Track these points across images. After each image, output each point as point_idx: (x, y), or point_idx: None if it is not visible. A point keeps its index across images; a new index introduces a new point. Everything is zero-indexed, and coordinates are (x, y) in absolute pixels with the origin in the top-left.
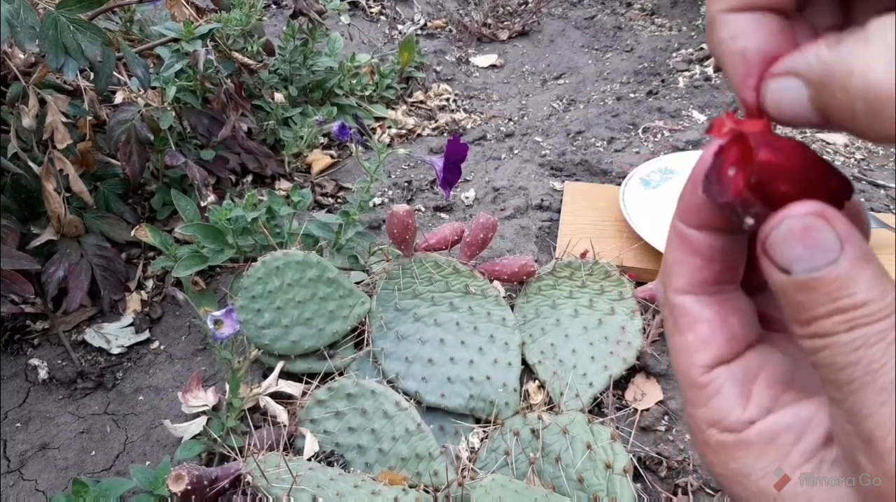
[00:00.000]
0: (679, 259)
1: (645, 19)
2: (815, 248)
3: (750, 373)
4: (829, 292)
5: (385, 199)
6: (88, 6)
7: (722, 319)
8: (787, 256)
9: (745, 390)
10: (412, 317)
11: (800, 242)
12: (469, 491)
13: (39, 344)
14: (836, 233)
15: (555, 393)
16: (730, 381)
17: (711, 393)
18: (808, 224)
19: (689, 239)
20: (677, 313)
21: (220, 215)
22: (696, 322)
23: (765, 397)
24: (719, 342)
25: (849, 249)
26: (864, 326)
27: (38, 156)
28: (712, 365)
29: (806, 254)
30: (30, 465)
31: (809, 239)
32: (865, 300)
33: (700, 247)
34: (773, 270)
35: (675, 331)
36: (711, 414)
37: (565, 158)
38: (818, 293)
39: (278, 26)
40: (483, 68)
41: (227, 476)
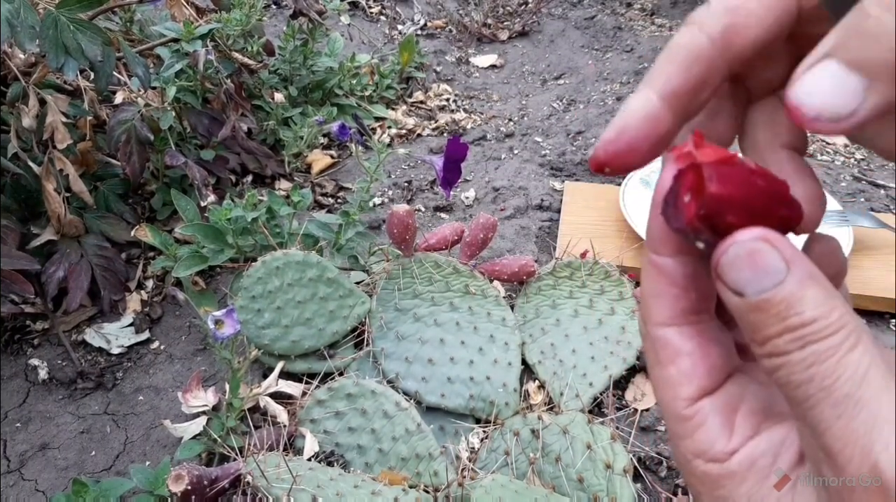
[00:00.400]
0: (656, 291)
1: (645, 19)
2: (761, 271)
3: (732, 403)
4: (778, 312)
5: (385, 199)
6: (88, 6)
7: (703, 351)
8: (736, 280)
9: (728, 420)
10: (412, 317)
11: (747, 266)
12: (469, 491)
13: (39, 344)
14: (781, 256)
15: (555, 393)
16: (713, 413)
17: (696, 425)
18: (752, 248)
19: (664, 269)
20: (658, 346)
21: (220, 215)
22: (678, 355)
23: (747, 426)
24: (701, 374)
25: (795, 270)
26: (814, 343)
27: (38, 156)
28: (696, 397)
29: (754, 277)
30: (30, 465)
31: (755, 262)
32: (813, 317)
33: (675, 277)
34: (728, 293)
35: (657, 365)
36: (696, 446)
37: (565, 158)
38: (768, 313)
39: (278, 26)
40: (483, 68)
41: (227, 476)
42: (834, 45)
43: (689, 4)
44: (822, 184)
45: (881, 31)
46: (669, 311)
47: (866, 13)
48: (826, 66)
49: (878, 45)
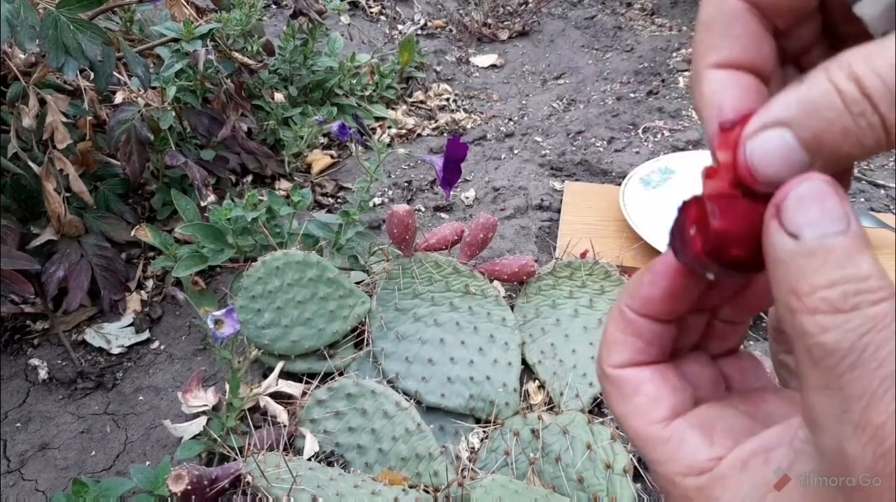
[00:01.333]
0: (619, 339)
1: (645, 19)
2: (828, 214)
3: (707, 422)
4: (838, 260)
5: (385, 199)
6: (88, 6)
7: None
8: (799, 219)
9: (706, 434)
10: (412, 317)
11: (815, 206)
12: (469, 491)
13: (39, 344)
14: (844, 208)
15: (555, 393)
16: (690, 429)
17: (676, 444)
18: (824, 191)
19: (633, 323)
20: (618, 383)
21: (220, 215)
22: (640, 384)
23: (727, 439)
24: (668, 396)
25: (855, 225)
26: (871, 305)
27: (38, 156)
28: (669, 417)
29: (819, 219)
30: (30, 465)
31: (825, 204)
32: (869, 273)
33: (642, 331)
34: (781, 236)
35: (621, 400)
36: (681, 465)
37: (565, 158)
38: (826, 259)
39: (278, 26)
40: (483, 68)
41: (227, 476)
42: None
43: (689, 4)
44: None
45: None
46: (628, 358)
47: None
48: (782, 134)
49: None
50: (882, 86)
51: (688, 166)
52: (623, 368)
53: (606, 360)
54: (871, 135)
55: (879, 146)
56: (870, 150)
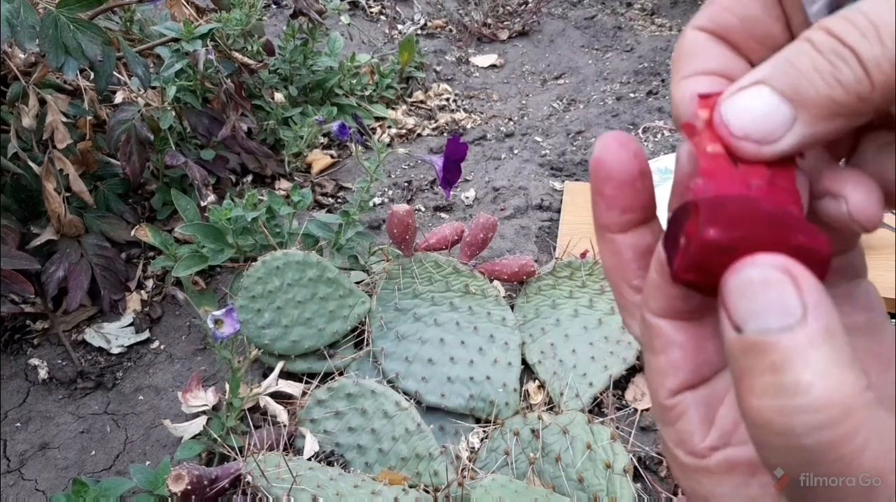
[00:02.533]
0: (657, 284)
1: (645, 19)
2: (771, 307)
3: (716, 396)
4: (775, 363)
5: (385, 199)
6: (88, 6)
7: (696, 344)
8: (739, 309)
9: (707, 416)
10: (412, 317)
11: (756, 296)
12: (469, 491)
13: (39, 344)
14: (800, 297)
15: (555, 393)
16: (694, 406)
17: (676, 416)
18: (768, 277)
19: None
20: (653, 334)
21: (220, 215)
22: (669, 345)
23: (728, 420)
24: (688, 368)
25: (811, 319)
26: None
27: (38, 156)
28: (678, 390)
29: (759, 312)
30: (30, 465)
31: (767, 295)
32: (810, 383)
33: None
34: (727, 327)
35: (650, 351)
36: (677, 436)
37: (565, 158)
38: (762, 360)
39: (278, 26)
40: (483, 68)
41: (227, 476)
42: (768, 73)
43: (689, 4)
44: None
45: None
46: (666, 305)
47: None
48: (759, 90)
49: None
50: (850, 25)
51: None
52: (661, 317)
53: (647, 305)
54: (846, 70)
55: (860, 84)
56: (854, 92)
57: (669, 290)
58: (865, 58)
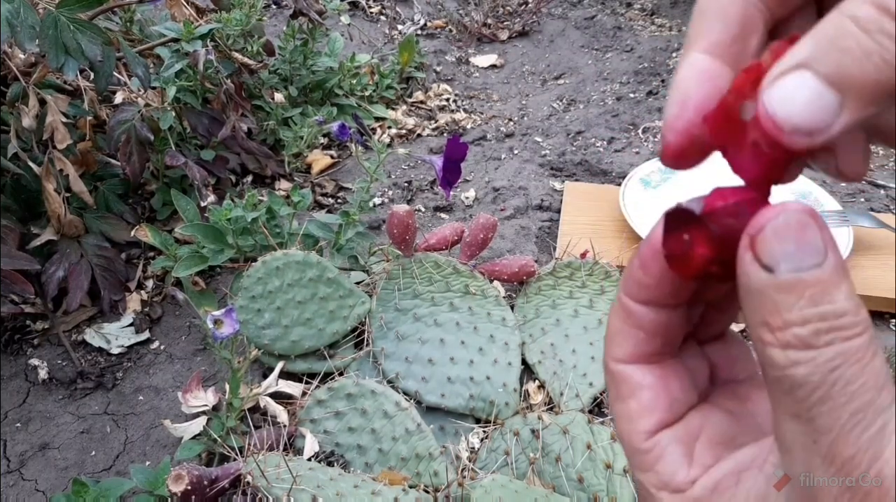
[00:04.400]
0: (621, 330)
1: (645, 19)
2: (805, 247)
3: (692, 433)
4: (812, 295)
5: (385, 199)
6: (88, 6)
7: (664, 384)
8: (775, 252)
9: (687, 451)
10: (412, 317)
11: (793, 238)
12: (469, 491)
13: (39, 344)
14: (822, 237)
15: (555, 393)
16: (672, 444)
17: (656, 457)
18: (803, 221)
19: (633, 313)
20: (619, 380)
21: (220, 215)
22: (638, 388)
23: (707, 456)
24: (661, 408)
25: (832, 256)
26: (845, 341)
27: (38, 156)
28: (654, 430)
29: (795, 252)
30: (30, 465)
31: (803, 237)
32: (845, 310)
33: (643, 322)
34: (755, 268)
35: (617, 399)
36: (658, 478)
37: (565, 158)
38: (799, 295)
39: (278, 26)
40: (483, 68)
41: (227, 476)
42: (810, 55)
43: (689, 4)
44: (822, 185)
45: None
46: (631, 350)
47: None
48: (802, 76)
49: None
50: None
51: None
52: (626, 363)
53: (610, 353)
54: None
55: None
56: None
57: (633, 333)
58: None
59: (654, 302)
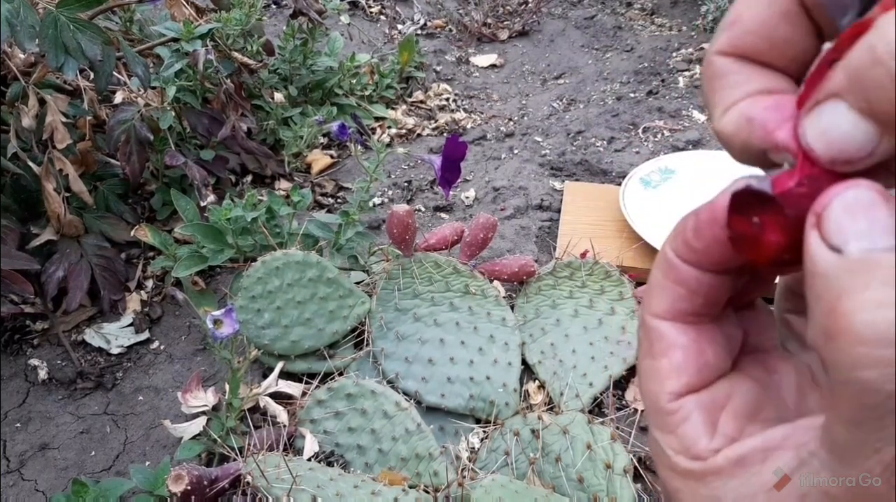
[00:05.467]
0: (662, 284)
1: (645, 19)
2: (877, 227)
3: (717, 402)
4: (888, 276)
5: (385, 199)
6: (88, 6)
7: (698, 347)
8: (846, 230)
9: (711, 419)
10: (412, 317)
11: (864, 216)
12: (469, 491)
13: (39, 344)
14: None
15: (555, 393)
16: (697, 410)
17: (679, 420)
18: (873, 199)
19: (676, 268)
20: (653, 336)
21: (219, 215)
22: (671, 347)
23: (730, 427)
24: (691, 371)
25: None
26: None
27: (37, 156)
28: (681, 393)
29: (867, 231)
30: (30, 465)
31: (874, 215)
32: None
33: (687, 280)
34: (822, 250)
35: (649, 355)
36: (679, 442)
37: (565, 158)
38: (870, 275)
39: (278, 26)
40: (483, 68)
41: (226, 476)
42: (844, 86)
43: (689, 4)
44: None
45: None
46: (669, 306)
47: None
48: (836, 108)
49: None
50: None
51: (688, 166)
52: (663, 319)
53: (649, 307)
54: None
55: None
56: None
57: (674, 288)
58: None
59: (699, 265)
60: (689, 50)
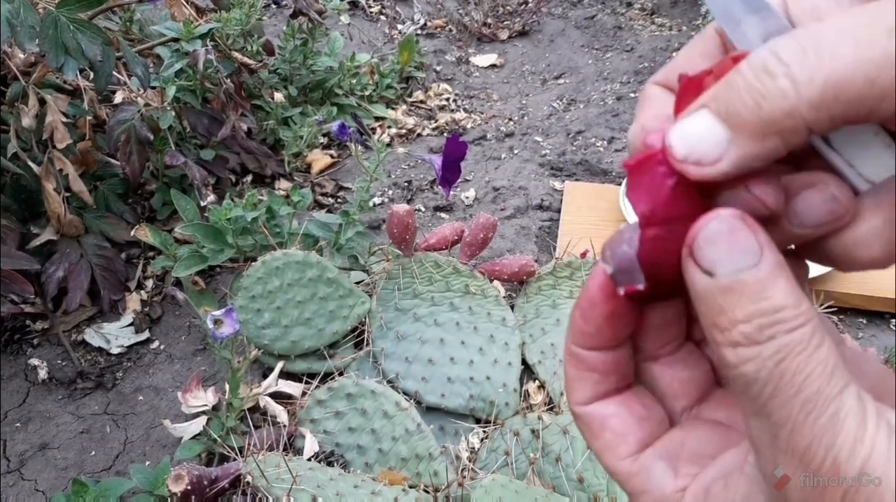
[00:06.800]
0: (577, 376)
1: (645, 19)
2: (738, 249)
3: (674, 449)
4: (751, 294)
5: (385, 199)
6: (88, 6)
7: (627, 409)
8: (711, 257)
9: (672, 463)
10: (412, 317)
11: (725, 243)
12: (469, 491)
13: (39, 344)
14: (756, 238)
15: (555, 393)
16: (656, 460)
17: (645, 477)
18: (733, 225)
19: (584, 359)
20: (587, 421)
21: (219, 215)
22: (606, 420)
23: (691, 467)
24: (633, 429)
25: (768, 255)
26: (786, 333)
27: (37, 156)
28: (637, 451)
29: (729, 255)
30: (30, 465)
31: (734, 240)
32: (783, 304)
33: (595, 365)
34: (697, 274)
35: (592, 438)
36: (651, 497)
37: (565, 158)
38: (740, 294)
39: (278, 26)
40: (483, 68)
41: (226, 476)
42: (710, 96)
43: (689, 4)
44: None
45: (750, 91)
46: (591, 392)
47: (741, 68)
48: (699, 114)
49: (745, 103)
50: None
51: None
52: (588, 404)
53: (572, 399)
54: (771, 86)
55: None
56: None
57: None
58: (793, 71)
59: (599, 346)
60: None
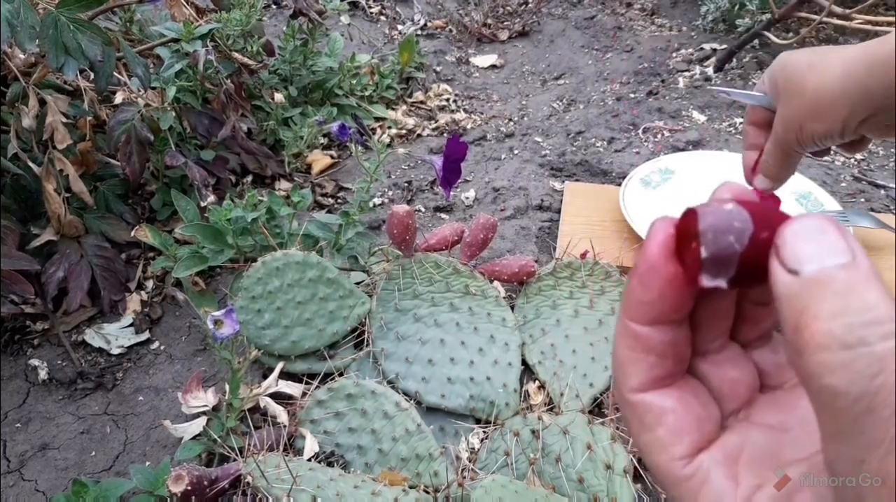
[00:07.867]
0: (631, 358)
1: (645, 19)
2: (826, 248)
3: (731, 454)
4: (840, 291)
5: (385, 200)
6: (88, 6)
7: (684, 405)
8: (798, 254)
9: (731, 472)
10: (412, 318)
11: (813, 240)
12: (469, 491)
13: (39, 344)
14: (847, 243)
15: (555, 393)
16: (714, 467)
17: (700, 483)
18: (822, 226)
19: (641, 337)
20: (640, 411)
21: (220, 215)
22: (662, 415)
23: (751, 477)
24: (691, 429)
25: (862, 260)
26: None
27: (38, 156)
28: (692, 453)
29: (817, 252)
30: (30, 465)
31: (822, 239)
32: (877, 303)
33: (653, 344)
34: (781, 272)
35: (643, 430)
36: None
37: (565, 158)
38: (828, 290)
39: (278, 26)
40: (483, 68)
41: (226, 476)
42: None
43: (689, 4)
44: (822, 185)
45: None
46: (645, 377)
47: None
48: None
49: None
50: None
51: (688, 166)
52: (644, 392)
53: (625, 384)
54: None
55: None
56: None
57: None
58: None
59: (659, 319)
60: (689, 50)
